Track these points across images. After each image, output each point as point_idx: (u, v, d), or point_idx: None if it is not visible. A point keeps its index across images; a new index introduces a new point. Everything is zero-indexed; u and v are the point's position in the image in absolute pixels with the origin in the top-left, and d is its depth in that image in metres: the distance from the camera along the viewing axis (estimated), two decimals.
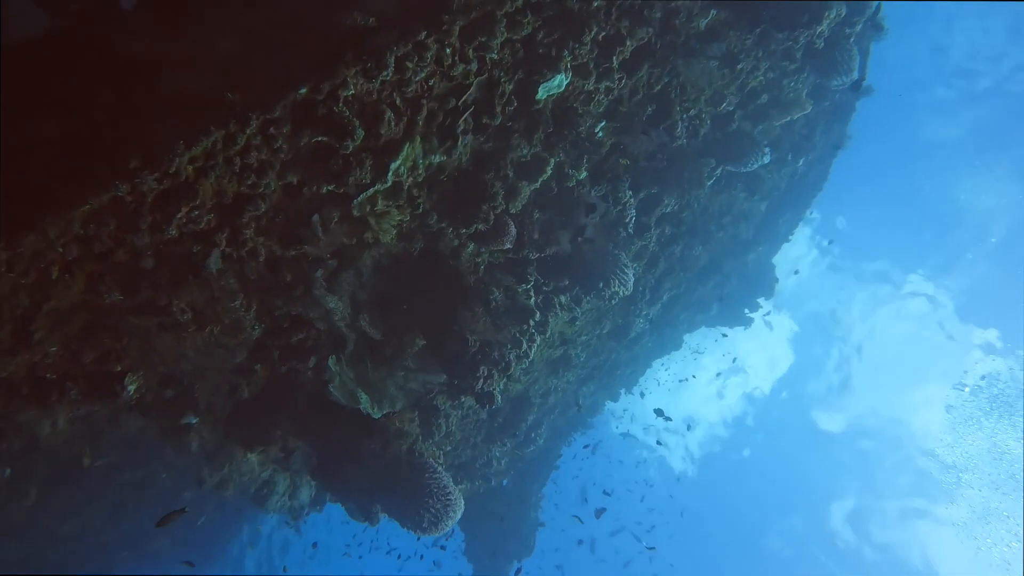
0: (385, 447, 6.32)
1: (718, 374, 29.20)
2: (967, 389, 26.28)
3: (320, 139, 4.80)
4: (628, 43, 6.08)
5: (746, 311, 13.99)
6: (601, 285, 7.61)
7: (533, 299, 7.06)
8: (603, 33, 5.86)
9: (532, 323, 6.73)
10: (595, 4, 5.63)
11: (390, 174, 5.25)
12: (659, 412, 14.15)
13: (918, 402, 28.59)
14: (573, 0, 5.47)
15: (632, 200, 7.88)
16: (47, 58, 4.93)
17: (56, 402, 4.92)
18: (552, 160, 6.41)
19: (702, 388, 30.63)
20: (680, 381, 27.09)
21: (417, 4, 4.96)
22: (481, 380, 6.38)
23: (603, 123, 6.70)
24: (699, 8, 6.50)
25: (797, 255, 27.71)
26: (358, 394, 5.91)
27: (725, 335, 16.00)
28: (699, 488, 35.67)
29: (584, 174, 7.00)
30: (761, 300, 14.10)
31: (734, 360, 28.96)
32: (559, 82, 5.84)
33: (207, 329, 5.23)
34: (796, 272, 27.40)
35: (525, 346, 6.68)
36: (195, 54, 4.72)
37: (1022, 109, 20.89)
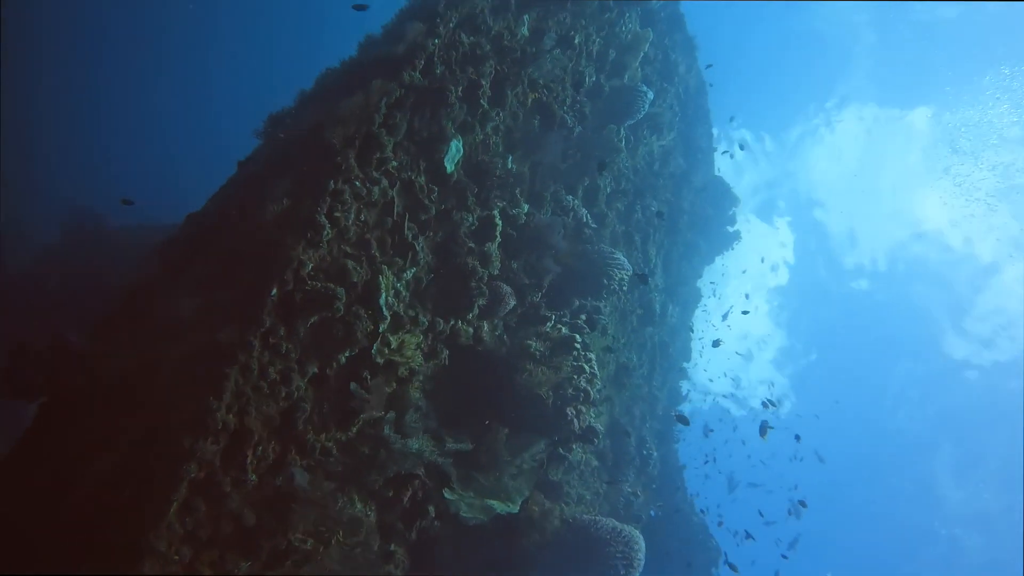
0: (542, 533, 6.29)
1: (747, 296, 29.00)
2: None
3: (312, 320, 5.02)
4: (484, 82, 6.53)
5: (728, 228, 14.32)
6: (605, 282, 7.84)
7: (564, 330, 7.24)
8: (460, 88, 6.30)
9: (579, 346, 6.88)
10: (438, 71, 6.09)
11: (384, 309, 5.48)
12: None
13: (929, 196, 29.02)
14: (419, 79, 5.91)
15: (577, 202, 8.24)
16: (58, 426, 5.12)
17: None
18: (496, 212, 6.72)
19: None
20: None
21: (309, 167, 5.33)
22: (575, 420, 6.46)
23: (510, 156, 7.09)
24: (514, 20, 7.03)
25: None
26: (488, 504, 5.93)
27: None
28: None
29: (526, 206, 7.33)
30: (733, 211, 14.47)
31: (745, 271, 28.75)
32: (456, 148, 6.23)
33: (333, 541, 5.26)
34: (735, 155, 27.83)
35: (588, 368, 6.80)
36: (169, 327, 4.97)
37: None
